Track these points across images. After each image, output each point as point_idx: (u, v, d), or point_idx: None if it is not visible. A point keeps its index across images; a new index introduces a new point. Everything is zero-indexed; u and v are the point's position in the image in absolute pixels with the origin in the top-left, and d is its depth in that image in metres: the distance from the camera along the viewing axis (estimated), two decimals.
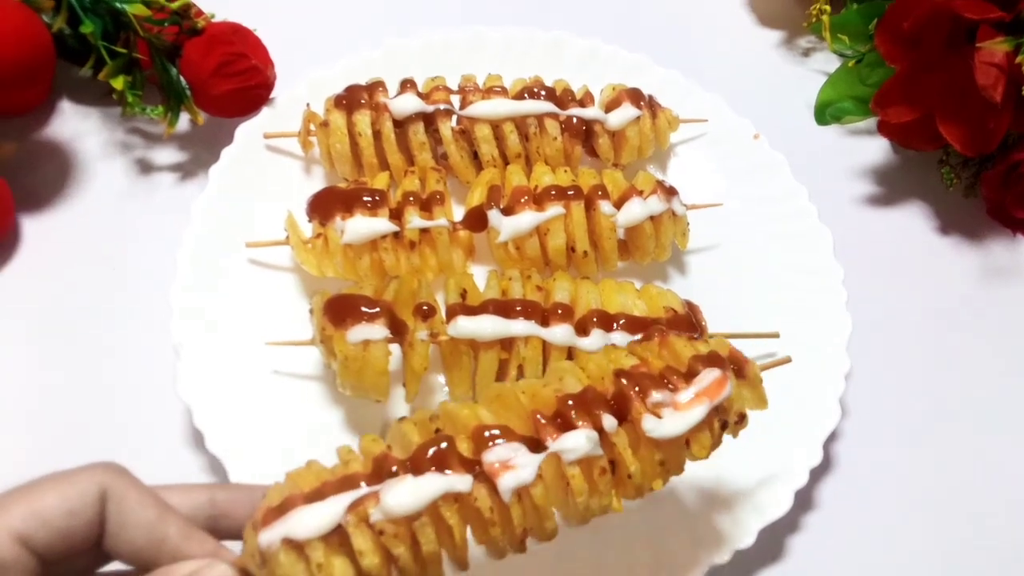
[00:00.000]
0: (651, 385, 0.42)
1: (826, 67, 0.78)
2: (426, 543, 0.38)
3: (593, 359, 0.44)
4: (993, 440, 0.61)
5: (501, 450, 0.40)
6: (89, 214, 0.66)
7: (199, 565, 0.35)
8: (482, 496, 0.39)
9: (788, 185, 0.66)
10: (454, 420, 0.41)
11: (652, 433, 0.41)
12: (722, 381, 0.43)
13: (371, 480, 0.38)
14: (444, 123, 0.63)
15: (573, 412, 0.41)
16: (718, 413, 0.43)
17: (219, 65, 0.63)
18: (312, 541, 0.36)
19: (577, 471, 0.41)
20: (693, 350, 0.45)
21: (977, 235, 0.70)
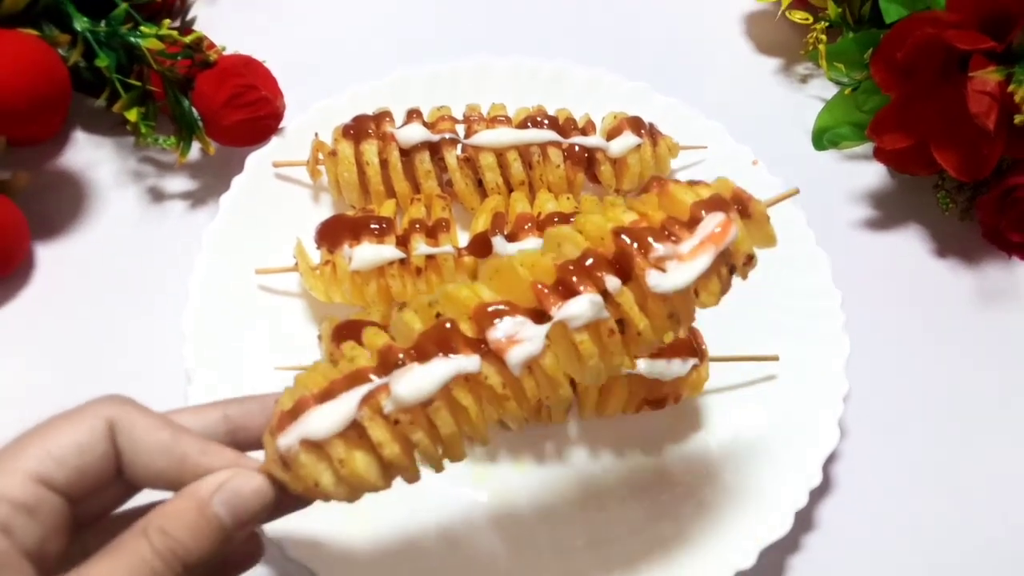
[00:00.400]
0: (652, 239, 0.40)
1: (823, 94, 0.80)
2: (443, 426, 0.38)
3: (590, 219, 0.42)
4: (992, 462, 0.62)
5: (506, 325, 0.39)
6: (102, 241, 0.68)
7: (226, 476, 0.35)
8: (492, 374, 0.39)
9: (786, 210, 0.67)
10: (454, 302, 0.40)
11: (657, 288, 0.40)
12: (726, 225, 0.41)
13: (379, 373, 0.38)
14: (449, 152, 0.65)
15: (575, 278, 0.40)
16: (724, 258, 0.41)
17: (230, 96, 0.65)
18: (331, 439, 0.36)
19: (585, 336, 0.39)
20: (694, 195, 0.42)
21: (973, 258, 0.71)
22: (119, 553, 0.34)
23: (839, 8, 0.77)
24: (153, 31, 0.64)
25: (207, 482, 0.35)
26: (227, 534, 0.35)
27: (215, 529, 0.34)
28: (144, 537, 0.34)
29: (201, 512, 0.34)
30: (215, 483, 0.35)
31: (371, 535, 0.54)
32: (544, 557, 0.55)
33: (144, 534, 0.34)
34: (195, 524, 0.34)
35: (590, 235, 0.42)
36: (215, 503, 0.35)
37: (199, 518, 0.34)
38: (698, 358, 0.57)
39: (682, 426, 0.60)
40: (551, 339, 0.39)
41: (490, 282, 0.42)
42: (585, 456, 0.59)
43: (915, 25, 0.63)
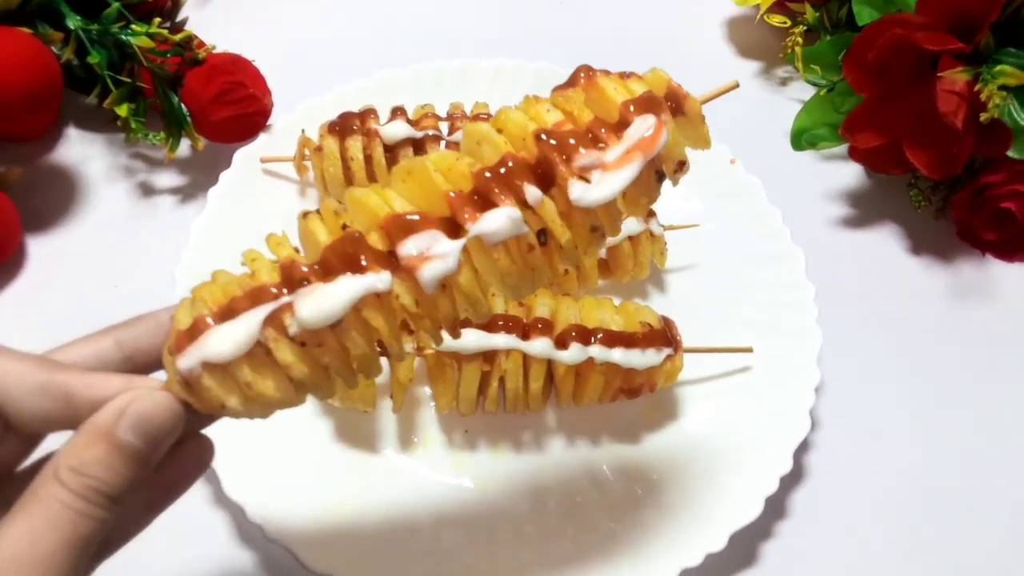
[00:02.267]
0: (577, 145, 0.38)
1: (802, 96, 0.81)
2: (354, 348, 0.36)
3: (512, 117, 0.39)
4: (962, 454, 0.63)
5: (418, 240, 0.36)
6: (92, 235, 0.69)
7: (126, 400, 0.33)
8: (404, 292, 0.36)
9: (762, 207, 0.69)
10: (363, 210, 0.37)
11: (580, 201, 0.37)
12: (658, 129, 0.38)
13: (282, 289, 0.35)
14: (433, 148, 0.66)
15: (493, 187, 0.37)
16: (653, 164, 0.38)
17: (219, 93, 0.66)
18: (235, 361, 0.34)
19: (503, 252, 0.37)
20: (625, 92, 0.39)
21: (947, 256, 0.73)
22: (34, 505, 0.31)
23: (817, 12, 0.79)
24: (144, 29, 0.66)
25: (107, 411, 0.33)
26: (143, 457, 0.33)
27: (129, 456, 0.33)
28: (56, 482, 0.31)
29: (109, 442, 0.32)
30: (116, 410, 0.33)
31: (350, 517, 0.55)
32: (522, 542, 0.56)
33: (56, 479, 0.31)
34: (107, 456, 0.32)
35: (511, 135, 0.38)
36: (121, 430, 0.33)
37: (109, 448, 0.32)
38: (672, 348, 0.58)
39: (657, 415, 0.61)
40: (468, 253, 0.37)
41: (403, 185, 0.38)
42: (562, 444, 0.60)
43: (885, 27, 0.65)
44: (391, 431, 0.59)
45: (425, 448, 0.59)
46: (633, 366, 0.57)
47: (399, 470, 0.58)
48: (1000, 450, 0.63)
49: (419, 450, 0.59)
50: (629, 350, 0.57)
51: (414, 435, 0.59)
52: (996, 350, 0.68)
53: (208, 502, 0.57)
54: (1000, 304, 0.71)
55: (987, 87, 0.61)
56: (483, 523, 0.56)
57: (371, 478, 0.57)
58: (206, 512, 0.57)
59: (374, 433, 0.59)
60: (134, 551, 0.53)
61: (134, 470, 0.33)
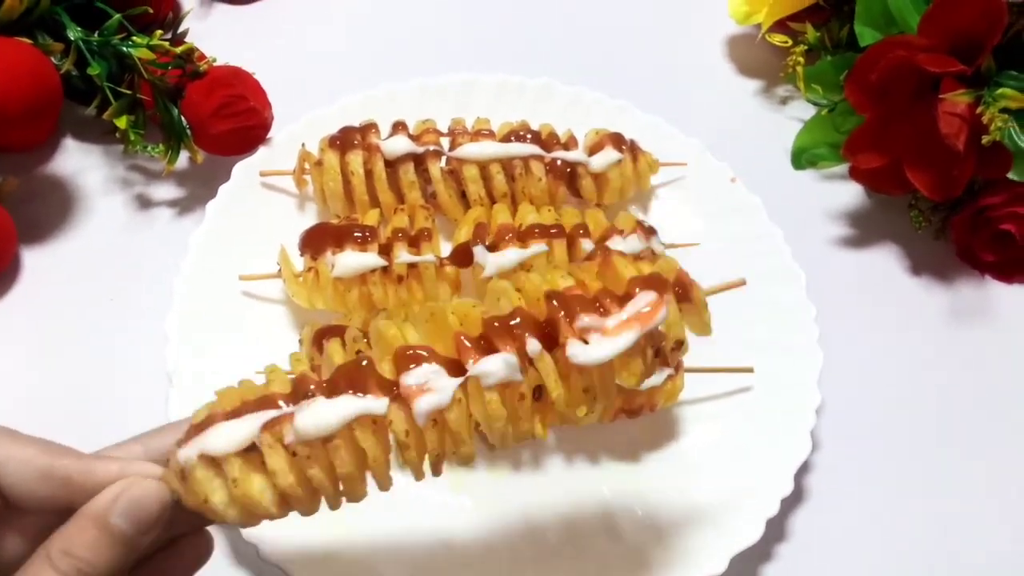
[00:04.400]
0: (581, 309, 0.40)
1: (803, 115, 0.81)
2: (340, 465, 0.38)
3: (530, 279, 0.42)
4: (962, 476, 0.63)
5: (420, 372, 0.38)
6: (89, 247, 0.68)
7: (121, 487, 0.35)
8: (398, 419, 0.38)
9: (763, 226, 0.69)
10: (381, 339, 0.40)
11: (576, 359, 0.39)
12: (656, 305, 0.40)
13: (289, 400, 0.38)
14: (434, 163, 0.66)
15: (497, 334, 0.40)
16: (652, 339, 0.41)
17: (219, 106, 0.66)
18: (228, 456, 0.36)
19: (495, 396, 0.39)
20: (634, 271, 0.42)
21: (947, 276, 0.73)
22: None
23: (818, 32, 0.79)
24: (145, 41, 0.66)
25: (102, 497, 0.35)
26: (132, 544, 0.35)
27: (118, 541, 0.34)
28: (47, 562, 0.33)
29: (100, 527, 0.34)
30: (111, 496, 0.35)
31: (346, 538, 0.54)
32: (520, 562, 0.55)
33: (47, 559, 0.33)
34: (96, 540, 0.34)
35: (527, 294, 0.42)
36: (113, 516, 0.34)
37: (100, 533, 0.34)
38: (673, 368, 0.58)
39: (657, 435, 0.61)
40: (465, 394, 0.39)
41: (424, 325, 0.41)
42: (561, 463, 0.60)
43: (888, 49, 0.65)
44: None
45: None
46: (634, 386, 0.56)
47: (395, 488, 0.57)
48: (1001, 471, 0.63)
49: None
50: None
51: None
52: (995, 371, 0.68)
53: None
54: (999, 325, 0.70)
55: (988, 110, 0.62)
56: (480, 543, 0.56)
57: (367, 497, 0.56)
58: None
59: None
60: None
61: (120, 554, 0.34)
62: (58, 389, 0.62)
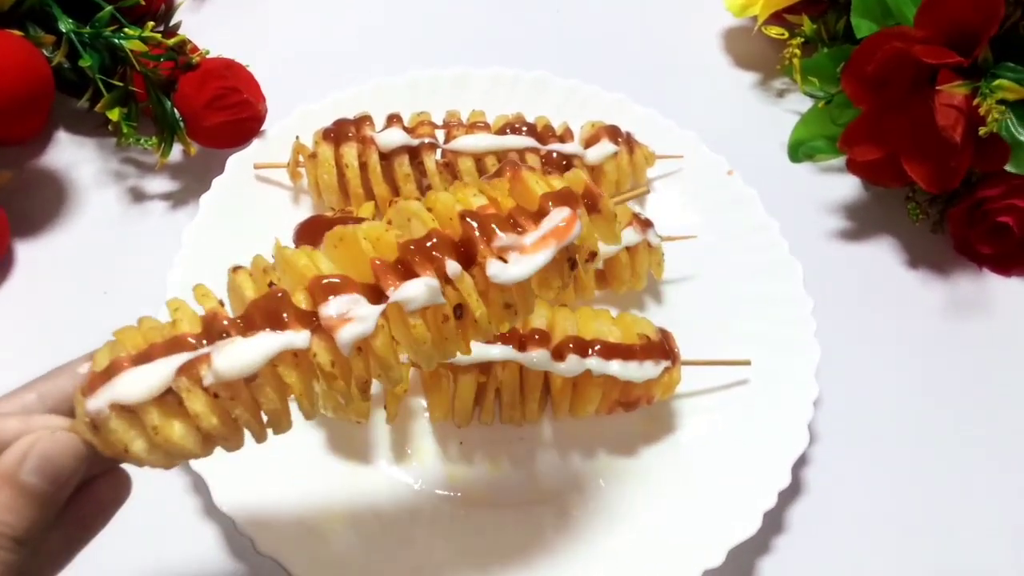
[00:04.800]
0: (497, 227, 0.40)
1: (799, 107, 0.81)
2: (266, 402, 0.37)
3: (441, 198, 0.42)
4: (960, 468, 0.62)
5: (339, 303, 0.37)
6: (82, 240, 0.68)
7: (29, 443, 0.33)
8: (321, 351, 0.37)
9: (760, 219, 0.69)
10: (292, 269, 0.39)
11: (497, 278, 0.40)
12: (571, 220, 0.41)
13: (201, 340, 0.36)
14: (429, 156, 0.66)
15: (416, 259, 0.39)
16: (567, 252, 0.42)
17: (212, 98, 0.65)
18: (144, 404, 0.34)
19: (419, 320, 0.39)
20: (545, 187, 0.43)
21: (944, 269, 0.72)
22: None
23: (814, 24, 0.78)
24: (137, 33, 0.65)
25: (10, 453, 0.33)
26: (49, 499, 0.33)
27: (34, 498, 0.33)
28: None
29: (13, 486, 0.33)
30: (19, 452, 0.33)
31: (342, 530, 0.54)
32: (515, 557, 0.55)
33: None
34: (11, 499, 0.32)
35: (439, 214, 0.41)
36: (24, 472, 0.33)
37: (13, 492, 0.33)
38: (670, 360, 0.58)
39: (654, 428, 0.60)
40: (386, 319, 0.38)
41: (333, 250, 0.40)
42: (558, 456, 0.59)
43: (884, 40, 0.65)
44: (384, 442, 0.58)
45: (419, 460, 0.58)
46: (631, 378, 0.56)
47: (392, 482, 0.57)
48: (999, 463, 0.63)
49: (413, 462, 0.58)
50: (627, 362, 0.56)
51: (408, 446, 0.59)
52: (993, 363, 0.68)
53: (198, 514, 0.56)
54: (997, 318, 0.70)
55: (986, 101, 0.61)
56: (477, 536, 0.55)
57: (364, 491, 0.56)
58: (195, 524, 0.56)
59: (367, 444, 0.58)
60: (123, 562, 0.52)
61: (39, 512, 0.33)
62: None
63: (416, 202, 0.42)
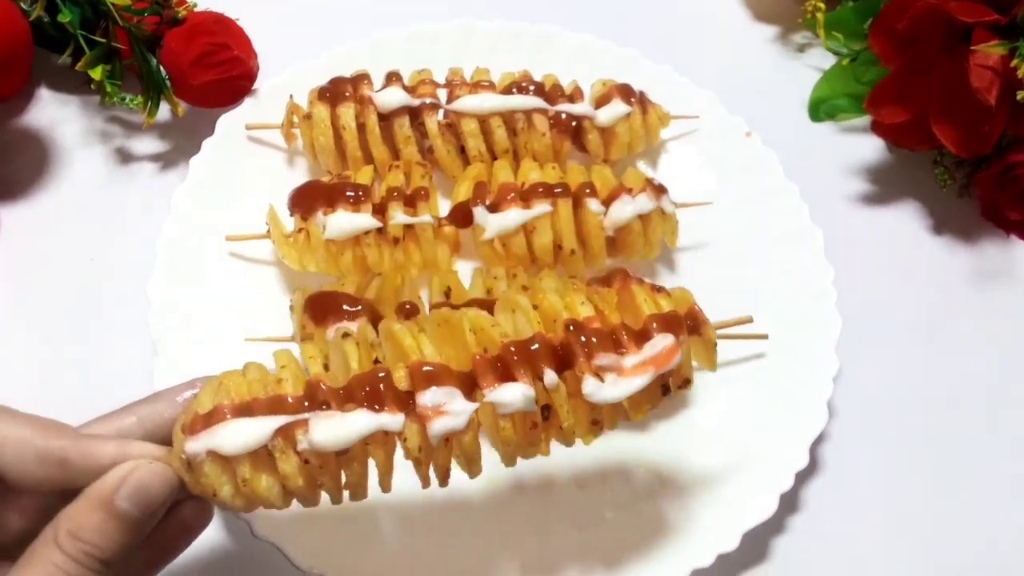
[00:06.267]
0: (600, 345, 0.42)
1: (821, 63, 0.77)
2: (351, 475, 0.39)
3: (548, 299, 0.44)
4: (982, 443, 0.60)
5: (436, 394, 0.39)
6: (67, 204, 0.65)
7: (127, 470, 0.35)
8: (412, 435, 0.39)
9: (779, 183, 0.65)
10: (397, 346, 0.41)
11: (591, 397, 0.41)
12: (672, 351, 0.42)
13: (301, 405, 0.38)
14: (430, 117, 0.62)
15: (516, 361, 0.41)
16: (662, 379, 0.43)
17: (200, 55, 0.62)
18: (239, 457, 0.37)
19: (509, 423, 0.41)
20: (653, 307, 0.44)
21: (970, 236, 0.69)
22: (31, 567, 0.33)
23: None
24: None
25: (109, 479, 0.35)
26: (138, 525, 0.35)
27: (125, 524, 0.35)
28: (54, 545, 0.34)
29: (107, 510, 0.34)
30: (116, 479, 0.35)
31: (340, 512, 0.52)
32: (526, 538, 0.53)
33: (54, 542, 0.34)
34: (103, 523, 0.34)
35: (544, 314, 0.43)
36: (120, 499, 0.35)
37: (106, 516, 0.34)
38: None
39: (667, 404, 0.58)
40: (476, 418, 0.40)
41: (436, 328, 0.43)
42: None
43: None
44: None
45: None
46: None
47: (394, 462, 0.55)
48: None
49: None
50: None
51: None
52: (1020, 334, 0.65)
53: None
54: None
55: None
56: (484, 517, 0.53)
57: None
58: None
59: None
60: None
61: (128, 536, 0.35)
62: (39, 354, 0.59)
63: (524, 297, 0.44)
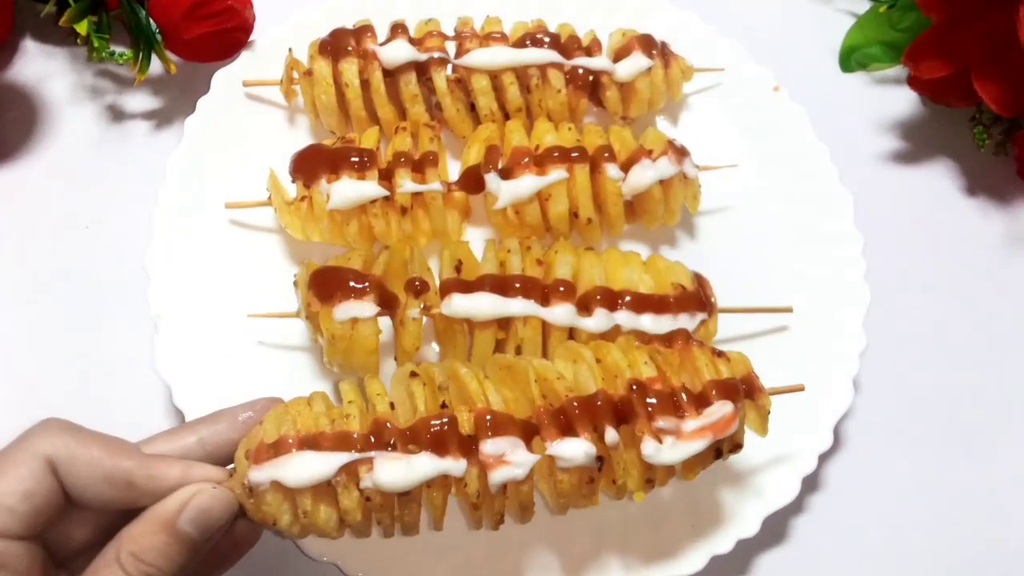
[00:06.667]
0: (661, 408, 0.43)
1: (852, 7, 0.72)
2: (408, 515, 0.41)
3: (612, 354, 0.45)
4: (1012, 422, 0.58)
5: (499, 443, 0.41)
6: (58, 166, 0.62)
7: (189, 494, 0.36)
8: (472, 481, 0.41)
9: (809, 144, 0.62)
10: (463, 390, 0.43)
11: (651, 459, 0.42)
12: (731, 419, 0.43)
13: (368, 442, 0.40)
14: (438, 73, 0.58)
15: (579, 417, 0.42)
16: (717, 444, 0.44)
17: (192, 6, 0.58)
18: (302, 489, 0.38)
19: (567, 477, 0.42)
20: (712, 372, 0.45)
21: (1006, 197, 0.66)
22: None
23: None
24: None
25: (172, 501, 0.36)
26: (198, 547, 0.36)
27: (186, 546, 0.36)
28: (117, 565, 0.34)
29: (170, 533, 0.35)
30: (180, 501, 0.36)
31: None
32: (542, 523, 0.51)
33: (116, 562, 0.34)
34: (165, 545, 0.35)
35: (607, 369, 0.44)
36: (182, 522, 0.35)
37: (169, 538, 0.35)
38: (707, 312, 0.53)
39: None
40: (535, 470, 0.42)
41: (499, 372, 0.45)
42: None
43: None
44: None
45: None
46: (664, 333, 0.51)
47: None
48: None
49: None
50: (659, 316, 0.51)
51: None
52: None
53: None
54: None
55: None
56: None
57: None
58: None
59: None
60: None
61: (188, 558, 0.36)
62: (37, 332, 0.57)
63: (589, 351, 0.45)
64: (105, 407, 0.53)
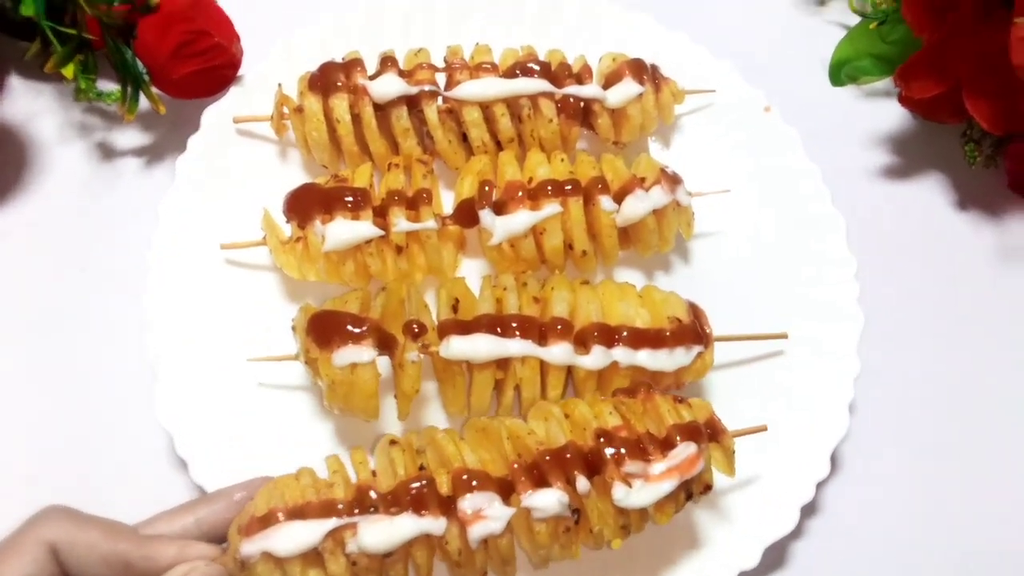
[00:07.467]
0: (628, 453, 0.45)
1: (842, 19, 0.72)
2: (394, 574, 0.43)
3: (580, 408, 0.47)
4: (1009, 439, 0.59)
5: (476, 499, 0.43)
6: (49, 208, 0.62)
7: (181, 573, 0.39)
8: (453, 539, 0.43)
9: (801, 165, 0.62)
10: (440, 453, 0.46)
11: (621, 503, 0.44)
12: (695, 459, 0.45)
13: (352, 508, 0.42)
14: (429, 106, 0.58)
15: (551, 468, 0.44)
16: (686, 485, 0.45)
17: (178, 46, 0.57)
18: (290, 558, 0.41)
19: (543, 527, 0.44)
20: (675, 416, 0.47)
21: (996, 211, 0.66)
22: None
23: None
24: None
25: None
26: None
27: None
28: None
29: None
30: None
31: None
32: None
33: None
34: None
35: (575, 422, 0.47)
36: None
37: None
38: (703, 344, 0.53)
39: None
40: (513, 523, 0.44)
41: (476, 435, 0.47)
42: None
43: None
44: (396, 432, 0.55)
45: None
46: (661, 368, 0.52)
47: None
48: None
49: None
50: (656, 351, 0.52)
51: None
52: None
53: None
54: None
55: None
56: None
57: None
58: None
59: (378, 437, 0.54)
60: None
61: None
62: (33, 377, 0.57)
63: (558, 408, 0.48)
64: (106, 453, 0.54)
